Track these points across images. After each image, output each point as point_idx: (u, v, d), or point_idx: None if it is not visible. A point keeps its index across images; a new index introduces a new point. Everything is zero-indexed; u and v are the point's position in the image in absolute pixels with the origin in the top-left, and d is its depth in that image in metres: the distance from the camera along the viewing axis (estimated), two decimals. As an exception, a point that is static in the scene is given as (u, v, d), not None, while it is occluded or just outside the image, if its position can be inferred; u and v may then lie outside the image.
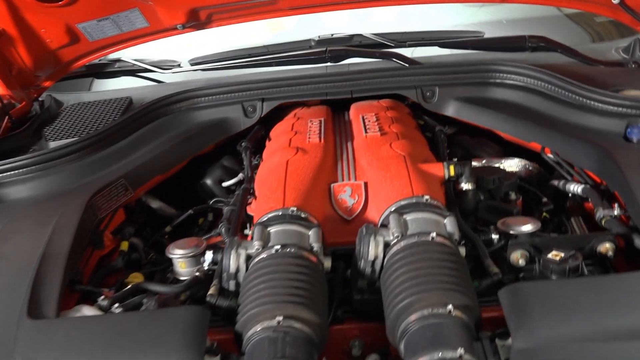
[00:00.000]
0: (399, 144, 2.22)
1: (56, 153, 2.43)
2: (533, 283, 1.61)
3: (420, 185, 1.97)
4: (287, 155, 2.23)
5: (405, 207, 1.89)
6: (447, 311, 1.55)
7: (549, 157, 2.38)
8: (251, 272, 1.74)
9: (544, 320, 1.45)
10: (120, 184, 2.37)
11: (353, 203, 2.06)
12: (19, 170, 2.41)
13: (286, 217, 1.89)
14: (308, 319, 1.60)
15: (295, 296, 1.61)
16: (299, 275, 1.68)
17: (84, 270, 2.14)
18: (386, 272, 1.72)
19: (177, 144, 2.60)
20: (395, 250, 1.76)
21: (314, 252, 1.80)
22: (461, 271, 1.66)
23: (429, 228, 1.79)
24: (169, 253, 2.03)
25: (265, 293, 1.64)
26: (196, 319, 1.58)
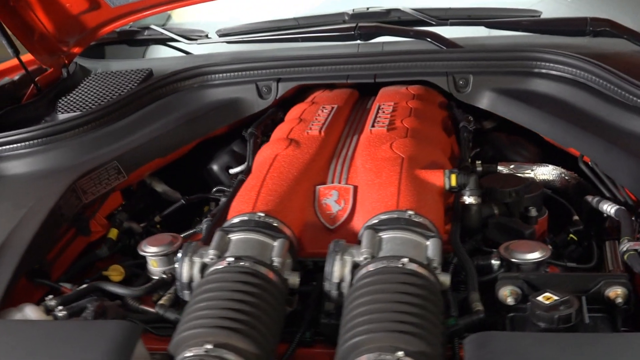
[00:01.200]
0: (401, 143, 1.95)
1: (49, 129, 2.31)
2: (505, 334, 1.34)
3: (409, 197, 1.70)
4: (277, 149, 2.02)
5: (384, 223, 1.64)
6: (395, 358, 1.31)
7: (587, 168, 2.04)
8: (199, 285, 1.56)
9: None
10: (112, 166, 2.23)
11: (338, 210, 1.83)
12: (15, 145, 2.32)
13: (251, 224, 1.68)
14: (243, 349, 1.40)
15: (232, 321, 1.42)
16: (244, 295, 1.48)
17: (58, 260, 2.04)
18: (348, 299, 1.50)
19: (181, 125, 2.43)
20: (361, 274, 1.53)
21: (273, 267, 1.59)
22: (428, 309, 1.41)
23: (404, 251, 1.54)
24: (140, 250, 1.88)
25: (201, 314, 1.45)
26: (123, 337, 1.42)
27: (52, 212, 1.95)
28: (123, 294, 1.78)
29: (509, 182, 1.93)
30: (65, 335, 1.43)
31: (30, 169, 2.26)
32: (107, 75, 2.85)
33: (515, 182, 1.93)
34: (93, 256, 2.14)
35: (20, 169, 2.28)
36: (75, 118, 2.38)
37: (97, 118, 2.38)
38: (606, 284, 1.49)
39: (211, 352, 1.37)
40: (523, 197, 1.92)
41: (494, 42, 2.77)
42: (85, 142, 2.33)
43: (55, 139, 2.32)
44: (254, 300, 1.48)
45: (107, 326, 1.45)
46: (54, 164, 2.26)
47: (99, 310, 1.56)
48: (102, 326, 1.46)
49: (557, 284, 1.51)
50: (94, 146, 2.30)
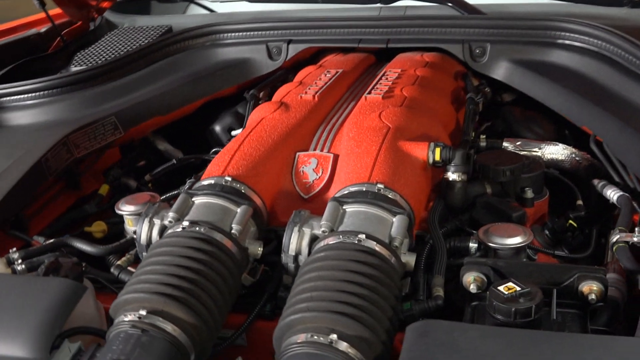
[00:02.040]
0: (391, 112, 1.83)
1: (54, 82, 2.30)
2: (448, 325, 1.22)
3: (384, 169, 1.59)
4: (265, 112, 1.93)
5: (352, 195, 1.54)
6: (327, 341, 1.22)
7: (598, 149, 1.87)
8: (151, 248, 1.51)
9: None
10: (109, 122, 2.20)
11: (314, 179, 1.73)
12: (20, 96, 2.32)
13: (216, 188, 1.61)
14: (180, 319, 1.34)
15: (172, 287, 1.36)
16: (190, 261, 1.41)
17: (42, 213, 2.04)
18: (299, 274, 1.41)
19: (187, 83, 2.38)
20: (316, 249, 1.44)
21: (231, 236, 1.52)
22: (377, 291, 1.31)
23: (365, 227, 1.44)
24: (117, 208, 1.84)
25: (143, 279, 1.40)
26: (62, 296, 1.39)
27: (37, 165, 1.94)
28: (88, 251, 1.75)
29: (505, 160, 1.79)
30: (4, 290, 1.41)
31: (31, 121, 2.26)
32: (128, 31, 2.83)
33: (512, 160, 1.78)
34: (80, 212, 2.13)
35: (22, 120, 2.28)
36: (80, 72, 2.36)
37: (102, 73, 2.35)
38: (580, 278, 1.35)
39: (144, 319, 1.32)
40: (519, 177, 1.78)
41: (520, 10, 2.57)
42: (88, 97, 2.31)
43: (59, 92, 2.31)
44: (201, 268, 1.41)
45: (49, 284, 1.42)
46: (53, 117, 2.25)
47: (50, 267, 1.53)
48: (43, 283, 1.43)
49: (526, 274, 1.38)
50: (96, 101, 2.28)
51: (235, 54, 2.47)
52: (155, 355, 1.29)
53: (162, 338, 1.32)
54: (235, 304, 1.62)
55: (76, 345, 1.37)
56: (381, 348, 1.26)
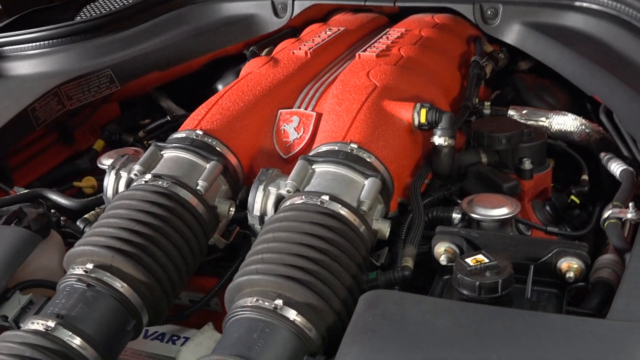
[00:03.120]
0: (381, 70, 1.71)
1: (53, 32, 2.25)
2: (399, 296, 1.13)
3: (362, 129, 1.49)
4: (253, 66, 1.84)
5: (322, 155, 1.44)
6: (272, 306, 1.14)
7: (607, 120, 1.73)
8: (112, 201, 1.45)
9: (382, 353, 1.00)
10: (104, 74, 2.15)
11: (295, 138, 1.64)
12: (22, 45, 2.29)
13: (185, 142, 1.54)
14: (129, 275, 1.28)
15: (123, 242, 1.30)
16: (147, 216, 1.35)
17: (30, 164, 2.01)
18: (259, 235, 1.33)
19: (188, 39, 2.31)
20: (280, 209, 1.36)
21: (196, 192, 1.44)
22: (335, 257, 1.22)
23: (332, 188, 1.35)
24: (99, 162, 1.79)
25: (96, 232, 1.34)
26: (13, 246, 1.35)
27: (22, 113, 1.90)
28: (63, 204, 1.70)
29: (502, 127, 1.66)
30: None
31: (29, 71, 2.23)
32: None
33: (510, 128, 1.66)
34: (72, 166, 2.09)
35: (22, 71, 2.25)
36: (80, 23, 2.31)
37: (103, 25, 2.29)
38: (559, 254, 1.23)
39: (90, 273, 1.26)
40: (518, 146, 1.65)
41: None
42: (87, 49, 2.26)
43: (59, 42, 2.27)
44: (159, 224, 1.35)
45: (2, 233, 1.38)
46: (50, 67, 2.21)
47: (13, 216, 1.49)
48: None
49: (502, 247, 1.27)
50: (95, 53, 2.22)
51: (240, 10, 2.38)
52: (99, 312, 1.24)
53: (108, 294, 1.26)
54: (210, 268, 1.56)
55: (27, 297, 1.33)
56: (334, 318, 1.18)
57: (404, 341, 1.03)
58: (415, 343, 1.03)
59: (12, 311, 1.31)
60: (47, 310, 1.23)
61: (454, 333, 1.04)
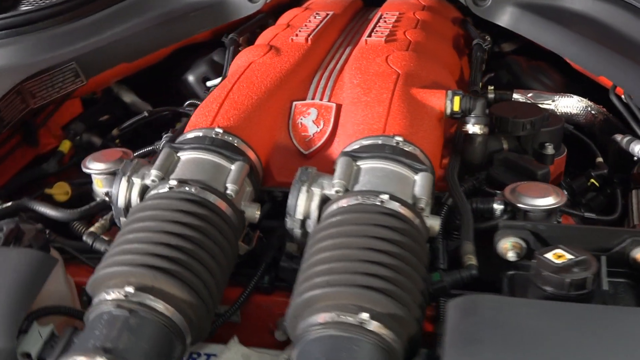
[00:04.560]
0: (399, 57, 1.63)
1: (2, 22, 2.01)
2: (497, 300, 1.05)
3: (400, 120, 1.39)
4: (253, 56, 1.70)
5: (366, 149, 1.33)
6: (357, 321, 1.04)
7: (619, 101, 1.72)
8: (132, 212, 1.29)
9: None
10: (69, 68, 1.94)
11: (315, 132, 1.53)
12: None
13: (205, 141, 1.39)
14: (173, 295, 1.13)
15: (162, 259, 1.14)
16: (182, 227, 1.20)
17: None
18: (310, 241, 1.21)
19: (155, 26, 2.12)
20: (329, 211, 1.24)
21: (226, 197, 1.30)
22: (406, 260, 1.13)
23: (385, 185, 1.25)
24: (84, 166, 1.60)
25: (126, 248, 1.18)
26: (29, 270, 1.16)
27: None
28: (53, 216, 1.51)
29: (523, 112, 1.61)
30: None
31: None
32: None
33: (531, 112, 1.61)
34: (38, 170, 1.88)
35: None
36: (34, 10, 2.07)
37: (59, 12, 2.06)
38: (633, 243, 1.19)
39: (132, 297, 1.11)
40: (539, 131, 1.61)
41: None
42: (43, 39, 2.02)
43: (10, 33, 2.02)
44: (195, 235, 1.20)
45: (11, 255, 1.19)
46: (4, 62, 1.96)
47: (11, 235, 1.29)
48: (4, 255, 1.20)
49: (571, 239, 1.21)
50: (53, 45, 1.99)
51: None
52: (146, 340, 1.09)
53: (153, 319, 1.11)
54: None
55: (48, 329, 1.16)
56: (415, 327, 1.08)
57: (514, 348, 0.96)
58: (528, 349, 0.95)
59: (35, 347, 1.13)
60: (87, 344, 1.06)
61: (565, 336, 0.97)
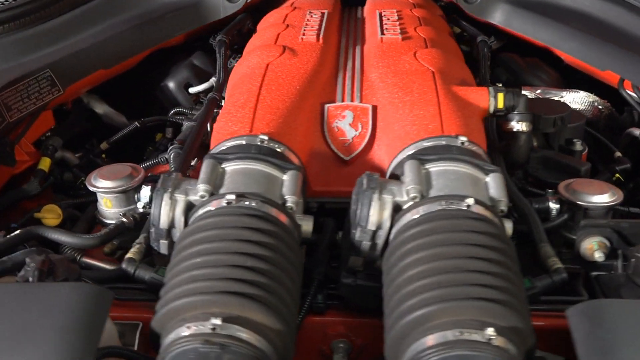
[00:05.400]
0: (427, 53, 1.57)
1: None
2: (623, 304, 1.01)
3: (455, 120, 1.33)
4: (268, 56, 1.58)
5: (428, 152, 1.26)
6: (485, 338, 0.96)
7: (630, 94, 1.73)
8: (187, 233, 1.14)
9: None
10: (44, 76, 1.74)
11: (354, 136, 1.43)
12: None
13: (251, 150, 1.27)
14: (263, 325, 1.01)
15: (247, 284, 1.02)
16: (256, 247, 1.08)
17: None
18: (393, 254, 1.12)
19: (131, 29, 1.95)
20: (409, 220, 1.15)
21: (286, 210, 1.19)
22: (510, 268, 1.06)
23: (463, 189, 1.18)
24: (90, 184, 1.43)
25: (198, 274, 1.04)
26: (91, 307, 1.00)
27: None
28: (72, 243, 1.34)
29: (550, 109, 1.60)
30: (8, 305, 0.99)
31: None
32: None
33: (559, 109, 1.60)
34: (20, 193, 1.67)
35: None
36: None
37: (25, 13, 1.84)
38: None
39: (220, 330, 0.97)
40: (566, 127, 1.60)
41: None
42: (10, 44, 1.81)
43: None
44: (270, 255, 1.08)
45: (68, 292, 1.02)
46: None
47: (44, 268, 1.12)
48: (61, 292, 1.02)
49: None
50: (22, 49, 1.79)
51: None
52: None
53: (247, 353, 0.98)
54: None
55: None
56: (532, 339, 1.01)
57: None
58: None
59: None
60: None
61: None
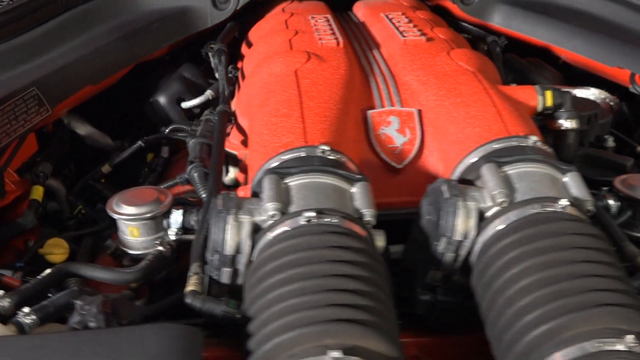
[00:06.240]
0: (461, 54, 1.51)
1: None
2: None
3: (516, 119, 1.27)
4: (293, 62, 1.47)
5: (500, 154, 1.19)
6: (626, 345, 0.89)
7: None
8: (267, 258, 1.02)
9: None
10: (30, 95, 1.56)
11: (404, 142, 1.34)
12: None
13: (314, 162, 1.15)
14: (379, 354, 0.90)
15: (357, 309, 0.91)
16: (353, 267, 0.97)
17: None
18: (490, 264, 1.04)
19: (116, 41, 1.79)
20: (502, 227, 1.07)
21: (364, 224, 1.08)
22: (620, 269, 1.00)
23: (548, 190, 1.11)
24: (112, 211, 1.27)
25: (299, 303, 0.92)
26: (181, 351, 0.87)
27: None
28: (112, 279, 1.18)
29: (583, 106, 1.56)
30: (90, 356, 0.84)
31: None
32: None
33: (589, 106, 1.57)
34: (15, 228, 1.48)
35: None
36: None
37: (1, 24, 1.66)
38: None
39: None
40: (597, 124, 1.57)
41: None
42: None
43: None
44: (369, 275, 0.98)
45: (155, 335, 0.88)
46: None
47: (107, 311, 0.96)
48: (146, 335, 0.88)
49: None
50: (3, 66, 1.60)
51: (169, 2, 1.92)
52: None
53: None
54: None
55: None
56: None
57: None
58: None
59: None
60: None
61: None
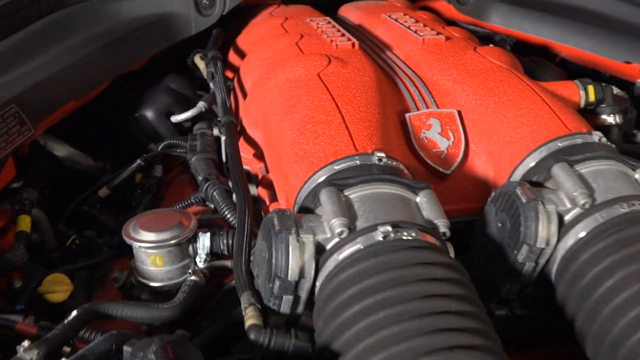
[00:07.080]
0: (489, 51, 1.43)
1: None
2: None
3: (570, 115, 1.19)
4: (313, 66, 1.33)
5: (565, 152, 1.09)
6: None
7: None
8: (344, 282, 0.88)
9: None
10: (10, 113, 1.37)
11: (448, 146, 1.23)
12: None
13: (372, 170, 1.03)
14: None
15: (469, 334, 0.79)
16: (450, 286, 0.85)
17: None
18: (583, 274, 0.94)
19: (97, 51, 1.62)
20: (591, 231, 0.97)
21: (440, 236, 0.97)
22: None
23: (626, 189, 1.03)
24: (130, 238, 1.11)
25: (401, 330, 0.79)
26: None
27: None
28: (148, 318, 1.02)
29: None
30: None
31: None
32: None
33: (619, 101, 1.50)
34: (3, 265, 1.29)
35: None
36: None
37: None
38: None
39: None
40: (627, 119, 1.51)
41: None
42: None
43: None
44: (463, 292, 0.86)
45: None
46: None
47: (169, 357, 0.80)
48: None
49: None
50: None
51: (150, 9, 1.76)
52: None
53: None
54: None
55: None
56: None
57: None
58: None
59: None
60: None
61: None
